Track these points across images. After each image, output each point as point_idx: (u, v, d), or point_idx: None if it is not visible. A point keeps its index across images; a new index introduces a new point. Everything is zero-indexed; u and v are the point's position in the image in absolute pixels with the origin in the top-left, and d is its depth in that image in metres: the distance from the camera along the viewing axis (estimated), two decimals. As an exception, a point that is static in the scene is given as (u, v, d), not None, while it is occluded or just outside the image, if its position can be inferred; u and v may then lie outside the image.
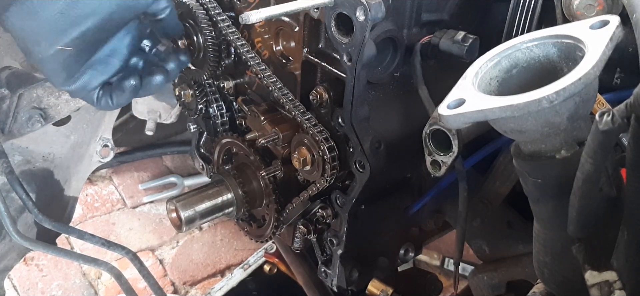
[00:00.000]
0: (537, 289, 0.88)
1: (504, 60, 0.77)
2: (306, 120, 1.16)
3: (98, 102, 1.11)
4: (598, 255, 0.69)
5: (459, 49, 1.06)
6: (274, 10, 1.00)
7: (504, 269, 1.33)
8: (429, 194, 1.28)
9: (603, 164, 0.66)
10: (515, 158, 0.76)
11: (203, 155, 1.55)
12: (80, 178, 1.73)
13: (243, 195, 1.32)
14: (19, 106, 1.46)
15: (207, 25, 1.27)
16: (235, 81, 1.38)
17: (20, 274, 2.30)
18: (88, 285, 2.33)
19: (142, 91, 1.14)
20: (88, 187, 2.70)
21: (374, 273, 1.36)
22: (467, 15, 1.17)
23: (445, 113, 0.71)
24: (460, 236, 1.21)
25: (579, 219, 0.69)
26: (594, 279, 0.68)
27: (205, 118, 1.47)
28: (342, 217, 1.23)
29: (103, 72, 1.09)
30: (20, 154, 1.57)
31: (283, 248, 1.81)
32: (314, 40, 1.16)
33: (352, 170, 1.15)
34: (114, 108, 1.13)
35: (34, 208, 1.50)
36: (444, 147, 1.05)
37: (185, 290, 2.37)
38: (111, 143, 1.72)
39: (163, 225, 2.60)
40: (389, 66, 1.12)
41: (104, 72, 1.09)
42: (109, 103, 1.11)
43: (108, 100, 1.11)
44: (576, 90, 0.64)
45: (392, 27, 1.06)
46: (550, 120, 0.68)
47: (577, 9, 0.97)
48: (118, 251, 1.59)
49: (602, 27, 0.69)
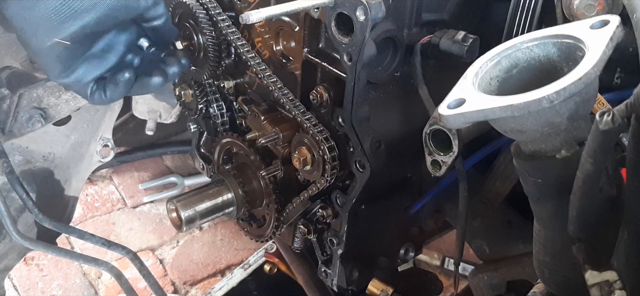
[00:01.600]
0: (537, 289, 0.88)
1: (504, 60, 0.77)
2: (306, 120, 1.16)
3: (92, 96, 1.12)
4: (598, 255, 0.69)
5: (459, 49, 1.06)
6: (274, 10, 1.00)
7: (504, 269, 1.33)
8: (429, 194, 1.28)
9: (603, 164, 0.66)
10: (515, 158, 0.76)
11: (203, 155, 1.55)
12: (80, 178, 1.73)
13: (243, 195, 1.32)
14: (19, 106, 1.46)
15: (207, 25, 1.27)
16: (236, 81, 1.38)
17: (20, 274, 2.30)
18: (88, 285, 2.33)
19: (139, 88, 1.15)
20: (88, 186, 2.70)
21: (374, 273, 1.36)
22: (467, 15, 1.17)
23: (446, 113, 0.71)
24: (461, 236, 1.21)
25: (579, 219, 0.69)
26: (594, 279, 0.68)
27: (206, 118, 1.47)
28: (342, 216, 1.23)
29: (98, 67, 1.09)
30: (20, 154, 1.57)
31: (283, 248, 1.81)
32: (314, 40, 1.16)
33: (352, 170, 1.16)
34: (107, 102, 1.14)
35: (34, 208, 1.50)
36: (444, 147, 1.05)
37: (185, 289, 2.37)
38: (111, 143, 1.72)
39: (163, 224, 2.60)
40: (389, 66, 1.12)
41: (98, 66, 1.09)
42: (103, 97, 1.12)
43: (102, 94, 1.12)
44: (576, 90, 0.63)
45: (392, 27, 1.06)
46: (550, 120, 0.68)
47: (578, 8, 0.97)
48: (118, 251, 1.59)
49: (602, 26, 0.69)
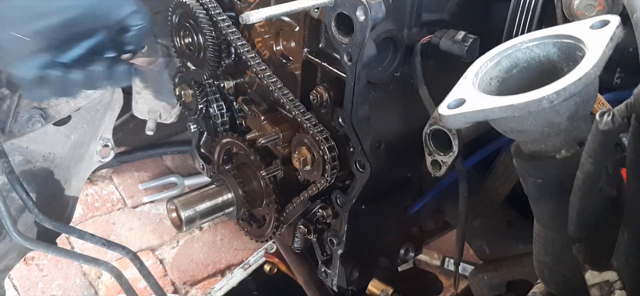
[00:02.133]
0: (537, 289, 0.88)
1: (504, 60, 0.77)
2: (306, 120, 1.16)
3: (30, 90, 1.14)
4: (598, 255, 0.70)
5: (459, 49, 1.06)
6: (274, 10, 1.00)
7: (504, 269, 1.33)
8: (429, 194, 1.28)
9: (603, 164, 0.66)
10: (515, 158, 0.76)
11: (203, 154, 1.55)
12: (80, 178, 1.73)
13: (243, 195, 1.32)
14: (19, 106, 1.46)
15: (207, 25, 1.27)
16: (236, 81, 1.38)
17: (20, 274, 2.30)
18: (88, 285, 2.33)
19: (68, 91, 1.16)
20: (88, 186, 2.70)
21: (374, 273, 1.36)
22: (467, 15, 1.17)
23: (446, 113, 0.71)
24: (461, 236, 1.21)
25: (579, 219, 0.69)
26: (594, 279, 0.68)
27: (206, 118, 1.47)
28: (342, 216, 1.23)
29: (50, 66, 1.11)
30: (20, 154, 1.57)
31: (283, 248, 1.81)
32: (314, 40, 1.16)
33: (352, 170, 1.16)
34: (45, 98, 1.16)
35: (35, 208, 1.50)
36: (444, 147, 1.05)
37: (185, 289, 2.37)
38: (111, 143, 1.72)
39: (163, 224, 2.60)
40: (389, 66, 1.12)
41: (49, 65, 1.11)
42: (42, 93, 1.14)
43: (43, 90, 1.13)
44: (576, 90, 0.63)
45: (393, 27, 1.06)
46: (550, 120, 0.68)
47: (578, 8, 0.97)
48: (118, 251, 1.59)
49: (602, 27, 0.69)
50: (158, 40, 1.68)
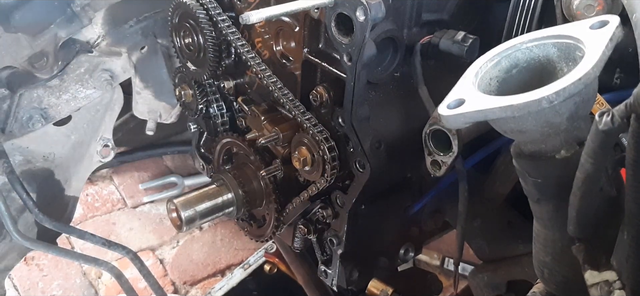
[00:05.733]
0: (537, 289, 0.88)
1: (504, 60, 0.77)
2: (306, 120, 1.16)
3: None
4: (598, 255, 0.70)
5: (459, 49, 1.06)
6: (274, 10, 1.01)
7: (504, 269, 1.33)
8: (429, 194, 1.28)
9: (603, 164, 0.66)
10: (515, 158, 0.76)
11: (203, 154, 1.55)
12: (80, 178, 1.73)
13: (243, 195, 1.32)
14: (19, 106, 1.46)
15: (207, 25, 1.27)
16: (236, 81, 1.38)
17: (20, 274, 2.30)
18: (88, 285, 2.33)
19: None
20: (88, 186, 2.70)
21: (374, 273, 1.36)
22: (467, 15, 1.17)
23: (445, 113, 0.71)
24: (460, 236, 1.21)
25: (579, 219, 0.69)
26: (593, 279, 0.68)
27: (206, 118, 1.47)
28: (342, 216, 1.23)
29: None
30: (20, 154, 1.57)
31: (283, 248, 1.81)
32: (314, 40, 1.16)
33: (352, 170, 1.16)
34: None
35: (35, 208, 1.50)
36: (444, 147, 1.06)
37: (185, 289, 2.37)
38: (111, 143, 1.72)
39: (163, 224, 2.60)
40: (389, 66, 1.12)
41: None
42: None
43: None
44: (576, 90, 0.64)
45: (392, 27, 1.06)
46: (550, 120, 0.68)
47: (577, 9, 0.97)
48: (118, 251, 1.59)
49: (602, 27, 0.69)
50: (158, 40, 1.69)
